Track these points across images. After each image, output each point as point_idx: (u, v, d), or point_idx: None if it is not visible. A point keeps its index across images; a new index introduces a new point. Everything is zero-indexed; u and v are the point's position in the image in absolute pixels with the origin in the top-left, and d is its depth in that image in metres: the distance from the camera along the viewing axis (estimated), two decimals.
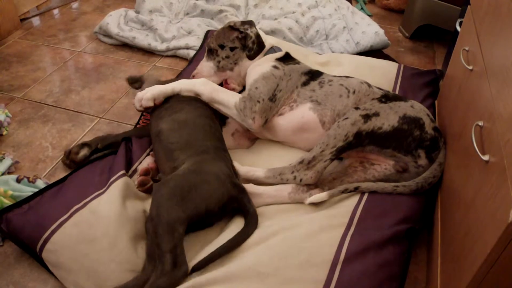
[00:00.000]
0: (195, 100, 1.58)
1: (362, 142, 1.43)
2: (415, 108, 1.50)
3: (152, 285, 1.12)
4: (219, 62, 1.73)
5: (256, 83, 1.58)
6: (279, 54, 1.72)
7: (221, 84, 1.77)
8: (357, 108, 1.47)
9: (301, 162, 1.43)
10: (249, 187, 1.41)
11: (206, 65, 1.77)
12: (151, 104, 1.57)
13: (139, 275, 1.19)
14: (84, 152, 1.62)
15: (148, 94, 1.57)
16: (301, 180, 1.42)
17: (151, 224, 1.20)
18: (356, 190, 1.39)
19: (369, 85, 1.61)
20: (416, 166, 1.43)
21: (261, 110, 1.54)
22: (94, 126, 1.84)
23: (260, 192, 1.42)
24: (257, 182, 1.48)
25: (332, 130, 1.43)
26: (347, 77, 1.65)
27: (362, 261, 1.19)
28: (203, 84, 1.58)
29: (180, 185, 1.25)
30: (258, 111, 1.53)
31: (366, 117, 1.42)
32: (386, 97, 1.56)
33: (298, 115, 1.58)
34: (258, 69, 1.64)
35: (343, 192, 1.38)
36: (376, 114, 1.44)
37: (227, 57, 1.73)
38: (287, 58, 1.71)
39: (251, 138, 1.70)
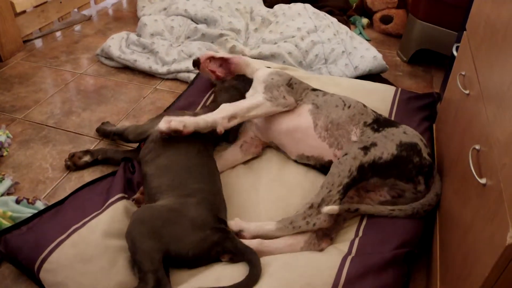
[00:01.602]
0: (184, 139, 1.52)
1: (365, 175, 1.41)
2: (408, 134, 1.50)
3: None
4: None
5: (270, 75, 1.69)
6: None
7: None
8: (354, 142, 1.48)
9: (311, 207, 1.38)
10: (259, 244, 1.34)
11: None
12: (180, 128, 1.46)
13: None
14: (86, 158, 1.73)
15: (180, 118, 1.49)
16: (314, 225, 1.37)
17: (129, 250, 1.22)
18: (356, 211, 1.39)
19: (364, 106, 1.63)
20: (415, 192, 1.43)
21: (286, 91, 1.64)
22: (95, 147, 1.85)
23: (272, 249, 1.35)
24: (268, 236, 1.40)
25: (334, 168, 1.42)
26: (345, 96, 1.70)
27: (362, 285, 1.19)
28: (223, 110, 1.55)
29: (152, 218, 1.24)
30: (284, 91, 1.64)
31: (365, 149, 1.42)
32: (378, 123, 1.56)
33: (296, 114, 1.64)
34: (267, 70, 1.76)
35: (346, 210, 1.38)
36: (374, 144, 1.44)
37: None
38: None
39: (259, 146, 1.75)
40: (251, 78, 1.80)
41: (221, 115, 1.52)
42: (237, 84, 1.84)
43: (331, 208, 1.35)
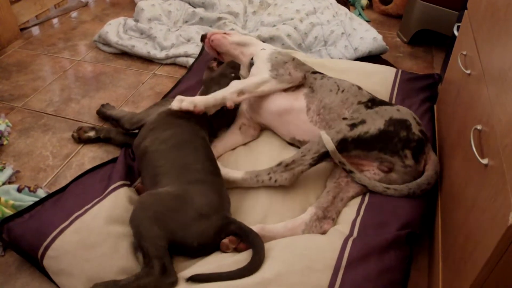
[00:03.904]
0: (184, 118, 1.54)
1: (347, 148, 1.43)
2: (401, 111, 1.50)
3: (137, 281, 1.13)
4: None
5: (273, 54, 1.71)
6: None
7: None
8: (344, 119, 1.49)
9: (279, 165, 1.45)
10: (261, 230, 1.32)
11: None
12: (191, 108, 1.53)
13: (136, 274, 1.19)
14: (90, 134, 1.80)
15: (191, 99, 1.55)
16: (275, 181, 1.44)
17: (134, 236, 1.23)
18: (350, 172, 1.43)
19: (359, 88, 1.64)
20: (404, 166, 1.42)
21: (293, 66, 1.66)
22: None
23: (273, 234, 1.34)
24: (235, 184, 1.49)
25: (316, 138, 1.44)
26: (341, 79, 1.69)
27: (364, 267, 1.18)
28: (232, 87, 1.60)
29: (157, 205, 1.24)
30: (291, 67, 1.66)
31: (353, 126, 1.44)
32: (373, 102, 1.58)
33: (292, 96, 1.64)
34: (269, 50, 1.77)
35: (340, 162, 1.42)
36: (363, 122, 1.45)
37: None
38: None
39: (257, 128, 1.77)
40: (240, 64, 1.84)
41: (230, 91, 1.57)
42: (225, 71, 1.81)
43: (327, 139, 1.39)
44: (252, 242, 1.24)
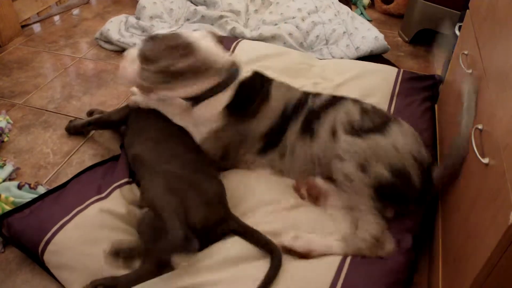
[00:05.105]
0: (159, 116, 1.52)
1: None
2: (400, 149, 1.31)
3: (134, 275, 1.14)
4: None
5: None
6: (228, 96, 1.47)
7: None
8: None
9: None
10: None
11: None
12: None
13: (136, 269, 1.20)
14: (83, 121, 1.77)
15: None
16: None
17: (153, 212, 1.20)
18: None
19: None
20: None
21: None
22: (95, 131, 1.84)
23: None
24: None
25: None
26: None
27: (367, 267, 1.20)
28: None
29: (168, 181, 1.26)
30: None
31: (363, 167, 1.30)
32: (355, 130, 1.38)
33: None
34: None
35: None
36: (368, 163, 1.29)
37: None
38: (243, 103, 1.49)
39: None
40: None
41: None
42: None
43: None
44: (260, 243, 1.24)
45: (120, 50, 2.46)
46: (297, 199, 1.44)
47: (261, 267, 1.19)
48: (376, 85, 1.92)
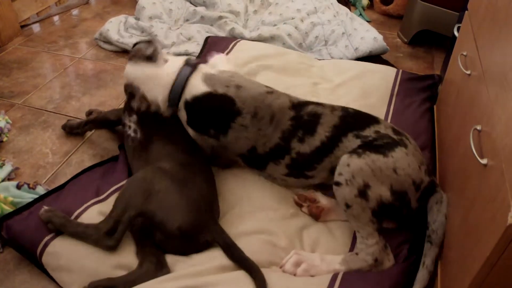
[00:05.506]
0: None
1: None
2: (399, 172, 1.26)
3: (130, 276, 1.17)
4: None
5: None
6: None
7: None
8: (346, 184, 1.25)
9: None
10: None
11: None
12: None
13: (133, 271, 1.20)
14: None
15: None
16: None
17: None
18: None
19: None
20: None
21: None
22: (94, 132, 1.84)
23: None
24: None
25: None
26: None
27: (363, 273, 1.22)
28: None
29: (153, 180, 1.25)
30: None
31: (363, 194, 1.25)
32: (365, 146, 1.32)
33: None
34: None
35: None
36: (367, 186, 1.24)
37: None
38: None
39: None
40: None
41: None
42: None
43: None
44: (242, 263, 1.21)
45: (120, 51, 2.46)
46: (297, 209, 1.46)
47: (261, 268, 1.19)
48: (375, 85, 1.92)
